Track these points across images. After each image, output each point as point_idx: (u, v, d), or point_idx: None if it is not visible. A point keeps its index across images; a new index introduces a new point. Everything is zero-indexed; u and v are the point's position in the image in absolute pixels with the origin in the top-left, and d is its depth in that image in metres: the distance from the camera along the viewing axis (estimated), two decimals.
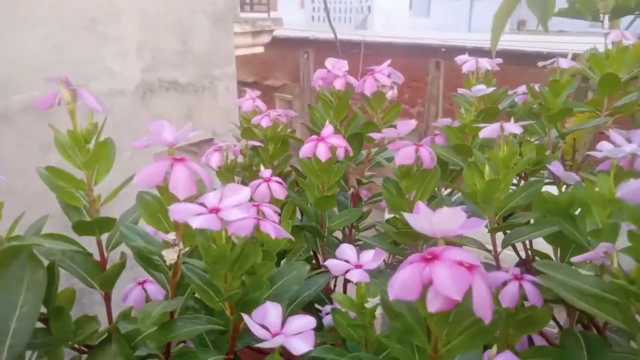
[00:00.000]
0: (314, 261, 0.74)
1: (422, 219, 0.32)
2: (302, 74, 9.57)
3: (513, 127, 0.51)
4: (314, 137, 0.63)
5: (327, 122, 0.70)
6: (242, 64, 9.30)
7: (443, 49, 8.02)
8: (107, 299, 0.45)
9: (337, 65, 0.76)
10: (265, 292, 0.39)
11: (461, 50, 7.23)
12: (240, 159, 0.82)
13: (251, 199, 0.69)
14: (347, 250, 0.45)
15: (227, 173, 0.78)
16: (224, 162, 0.77)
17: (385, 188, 0.58)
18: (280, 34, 7.84)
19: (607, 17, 1.09)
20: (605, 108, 0.71)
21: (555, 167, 0.62)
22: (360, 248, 0.49)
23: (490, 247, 0.56)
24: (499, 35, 0.39)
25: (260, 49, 6.10)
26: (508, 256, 0.64)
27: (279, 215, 0.55)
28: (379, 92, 0.72)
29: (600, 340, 0.46)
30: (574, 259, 0.42)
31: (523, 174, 0.71)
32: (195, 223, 0.32)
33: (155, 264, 0.38)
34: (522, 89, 0.75)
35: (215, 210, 0.35)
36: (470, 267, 0.31)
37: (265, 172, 0.65)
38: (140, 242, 0.38)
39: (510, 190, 0.55)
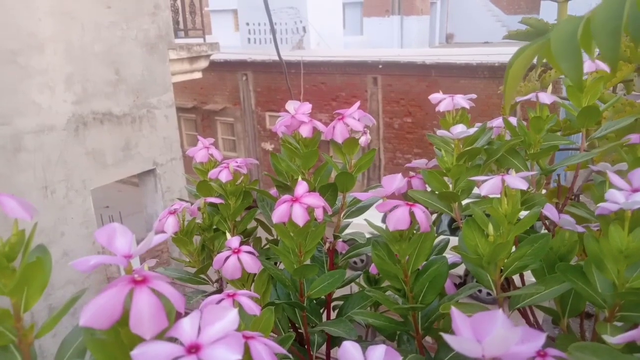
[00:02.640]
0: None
1: (469, 342, 0.26)
2: (242, 96, 9.46)
3: (517, 182, 0.46)
4: (287, 197, 0.55)
5: (300, 178, 0.62)
6: (180, 90, 9.07)
7: (380, 65, 8.19)
8: None
9: (300, 109, 0.69)
10: None
11: (396, 65, 7.41)
12: (198, 218, 0.72)
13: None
14: (351, 351, 0.38)
15: (184, 238, 0.68)
16: (180, 225, 0.68)
17: (375, 253, 0.51)
18: (217, 57, 7.73)
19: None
20: (584, 139, 0.68)
21: (550, 210, 0.57)
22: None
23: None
24: (514, 93, 0.35)
25: (198, 75, 5.96)
26: None
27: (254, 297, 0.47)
28: (352, 139, 0.66)
29: None
30: (614, 340, 0.36)
31: None
32: None
33: None
34: (498, 121, 0.71)
35: (194, 349, 0.26)
36: None
37: (233, 241, 0.57)
38: None
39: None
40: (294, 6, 9.61)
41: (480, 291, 5.70)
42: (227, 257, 0.55)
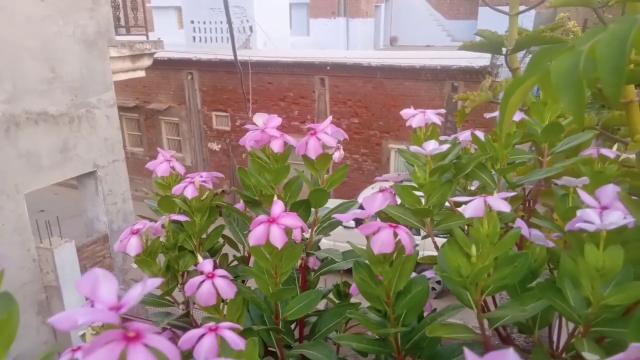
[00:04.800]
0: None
1: None
2: (188, 95, 9.21)
3: (499, 204, 0.46)
4: (263, 217, 0.53)
5: (270, 193, 0.60)
6: (121, 89, 8.70)
7: (328, 67, 8.23)
8: None
9: (269, 123, 0.67)
10: None
11: (343, 66, 7.53)
12: (161, 236, 0.68)
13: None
14: None
15: (148, 259, 0.64)
16: (144, 246, 0.64)
17: (358, 276, 0.50)
18: (160, 55, 7.48)
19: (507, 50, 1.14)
20: (546, 154, 0.70)
21: (521, 226, 0.59)
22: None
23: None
24: (511, 121, 0.35)
25: (141, 73, 5.73)
26: None
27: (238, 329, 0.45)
28: (325, 154, 0.64)
29: None
30: None
31: None
32: None
33: None
34: (465, 135, 0.72)
35: None
36: None
37: (206, 265, 0.54)
38: None
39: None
40: (240, 5, 9.48)
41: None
42: (201, 283, 0.52)
